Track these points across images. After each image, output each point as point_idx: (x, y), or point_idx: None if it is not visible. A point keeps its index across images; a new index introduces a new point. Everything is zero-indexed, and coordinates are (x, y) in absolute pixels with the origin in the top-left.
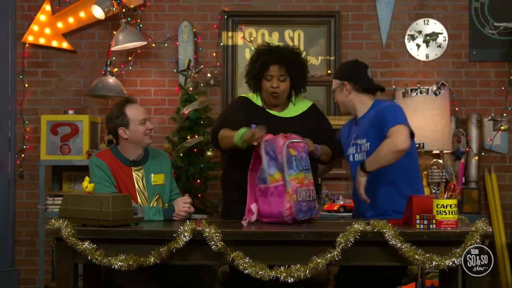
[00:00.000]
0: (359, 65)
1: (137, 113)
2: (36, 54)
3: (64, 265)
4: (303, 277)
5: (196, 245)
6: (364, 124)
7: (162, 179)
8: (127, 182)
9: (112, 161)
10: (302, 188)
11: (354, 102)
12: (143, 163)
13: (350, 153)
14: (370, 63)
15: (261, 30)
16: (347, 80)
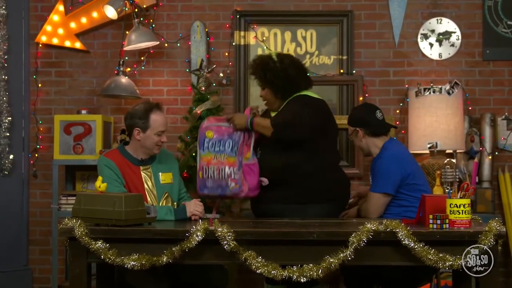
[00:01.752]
0: (368, 109)
1: (159, 124)
2: (49, 54)
3: (77, 264)
4: (315, 276)
5: (208, 245)
6: (372, 164)
7: (170, 178)
8: (136, 181)
9: (121, 160)
10: (209, 167)
11: (369, 146)
12: (151, 163)
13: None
14: (383, 62)
15: (274, 29)
16: (358, 127)
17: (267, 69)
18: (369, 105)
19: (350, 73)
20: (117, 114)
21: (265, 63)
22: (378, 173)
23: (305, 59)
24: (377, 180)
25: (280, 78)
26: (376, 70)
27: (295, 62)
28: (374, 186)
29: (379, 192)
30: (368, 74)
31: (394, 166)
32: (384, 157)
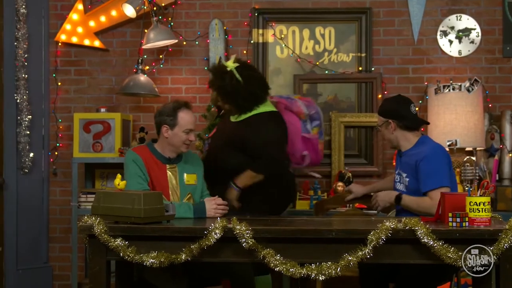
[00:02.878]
0: (402, 102)
1: (187, 122)
2: (68, 52)
3: (97, 262)
4: (334, 274)
5: (227, 242)
6: (406, 160)
7: (194, 179)
8: (161, 179)
9: (148, 156)
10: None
11: (399, 139)
12: (177, 162)
13: (396, 180)
14: (402, 59)
15: (292, 27)
16: (391, 118)
17: (231, 89)
18: (403, 98)
19: (369, 71)
20: (136, 112)
21: (228, 83)
22: (431, 169)
23: (323, 57)
24: (432, 177)
25: (244, 96)
26: (395, 67)
27: (255, 75)
28: (432, 183)
29: (440, 186)
30: (387, 72)
31: (443, 159)
32: (431, 152)
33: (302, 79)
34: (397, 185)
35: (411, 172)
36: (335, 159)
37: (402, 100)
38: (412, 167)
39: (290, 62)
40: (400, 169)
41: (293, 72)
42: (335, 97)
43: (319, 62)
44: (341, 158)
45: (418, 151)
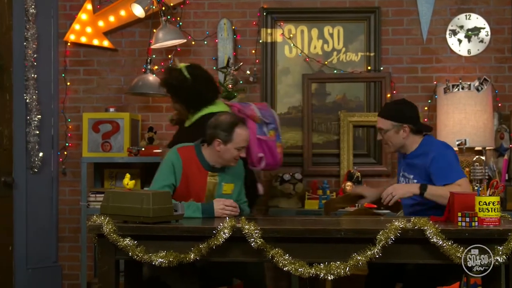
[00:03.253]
0: (412, 106)
1: (242, 140)
2: (77, 52)
3: (105, 261)
4: (343, 274)
5: (235, 242)
6: (413, 161)
7: (231, 189)
8: (199, 185)
9: (192, 159)
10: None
11: (408, 143)
12: (220, 171)
13: (399, 180)
14: (411, 59)
15: (300, 26)
16: (407, 123)
17: (178, 85)
18: (411, 103)
19: (378, 70)
20: (145, 112)
21: (175, 79)
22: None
23: (332, 56)
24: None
25: (190, 94)
26: (404, 67)
27: (204, 75)
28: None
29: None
30: (396, 71)
31: (453, 154)
32: (440, 150)
33: (310, 79)
34: None
35: (420, 174)
36: (344, 158)
37: (412, 104)
38: (421, 168)
39: (299, 62)
40: (404, 171)
41: (302, 72)
42: (344, 96)
43: (328, 61)
44: (349, 158)
45: (424, 151)
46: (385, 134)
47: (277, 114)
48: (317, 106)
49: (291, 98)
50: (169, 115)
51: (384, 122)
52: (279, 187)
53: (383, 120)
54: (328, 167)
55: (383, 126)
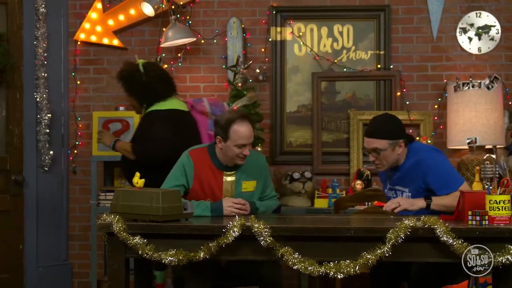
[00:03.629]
0: (398, 119)
1: (240, 137)
2: (87, 51)
3: (115, 260)
4: (352, 273)
5: (245, 241)
6: (402, 175)
7: (253, 186)
8: (214, 185)
9: (204, 160)
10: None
11: (400, 156)
12: (237, 169)
13: (390, 196)
14: (421, 57)
15: (310, 25)
16: (402, 138)
17: (134, 80)
18: (394, 116)
19: (388, 68)
20: None
21: (132, 75)
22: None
23: (341, 55)
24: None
25: (144, 89)
26: (414, 65)
27: (159, 72)
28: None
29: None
30: (406, 69)
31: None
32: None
33: (320, 77)
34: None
35: (417, 186)
36: (354, 157)
37: (396, 117)
38: (417, 180)
39: (308, 60)
40: (397, 185)
41: (311, 70)
42: (354, 95)
43: (338, 60)
44: (359, 156)
45: (416, 161)
46: (381, 155)
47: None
48: (326, 105)
49: (301, 96)
50: None
51: (380, 142)
52: (288, 186)
53: (378, 141)
54: (338, 165)
55: (380, 146)
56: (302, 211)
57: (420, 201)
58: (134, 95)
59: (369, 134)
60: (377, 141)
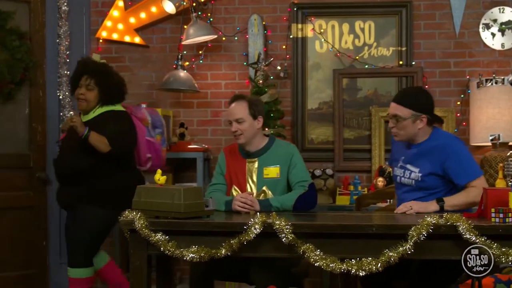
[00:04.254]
0: (430, 96)
1: (227, 113)
2: (109, 49)
3: (138, 256)
4: (374, 270)
5: (266, 237)
6: (419, 153)
7: (276, 172)
8: (239, 173)
9: (233, 150)
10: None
11: (419, 133)
12: (259, 155)
13: (397, 174)
14: (443, 53)
15: (331, 21)
16: (426, 113)
17: (106, 72)
18: (428, 92)
19: (410, 65)
20: (176, 107)
21: (104, 67)
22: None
23: (363, 51)
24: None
25: (113, 84)
26: (436, 61)
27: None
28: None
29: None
30: (428, 66)
31: (467, 150)
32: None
33: (341, 74)
34: (401, 180)
35: (427, 164)
36: (375, 154)
37: (429, 93)
38: (435, 162)
39: (330, 57)
40: (407, 163)
41: (333, 67)
42: (375, 91)
43: (359, 56)
44: (381, 153)
45: (435, 144)
46: (400, 123)
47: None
48: (348, 101)
49: (322, 93)
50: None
51: (402, 109)
52: None
53: (401, 108)
54: (360, 162)
55: (401, 114)
56: (323, 208)
57: (433, 204)
58: (104, 89)
59: (395, 99)
60: (400, 108)
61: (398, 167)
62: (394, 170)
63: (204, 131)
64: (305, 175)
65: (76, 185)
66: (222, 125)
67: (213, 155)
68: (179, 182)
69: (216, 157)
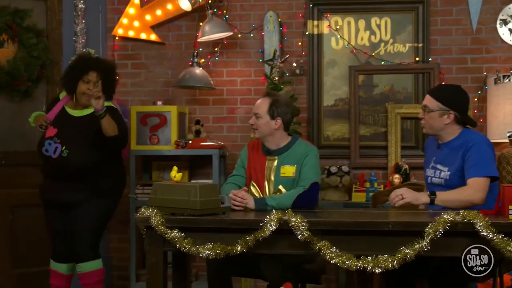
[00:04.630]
0: (466, 96)
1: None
2: (125, 46)
3: (154, 253)
4: (390, 267)
5: (282, 234)
6: (448, 152)
7: (292, 171)
8: (258, 169)
9: (256, 147)
10: None
11: (446, 130)
12: (279, 154)
13: (429, 175)
14: (460, 49)
15: (347, 18)
16: (454, 110)
17: (112, 68)
18: (465, 92)
19: (426, 61)
20: (192, 105)
21: (112, 63)
22: (478, 158)
23: (379, 47)
24: (478, 165)
25: (115, 81)
26: (453, 58)
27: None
28: (476, 171)
29: (486, 175)
30: (445, 62)
31: (489, 149)
32: (478, 142)
33: (357, 70)
34: (432, 180)
35: (455, 162)
36: (392, 150)
37: (465, 93)
38: (458, 153)
39: (346, 53)
40: (438, 163)
41: (349, 64)
42: (391, 88)
43: (375, 53)
44: (397, 150)
45: (462, 142)
46: (428, 114)
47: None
48: (364, 98)
49: (338, 90)
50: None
51: (432, 101)
52: (326, 180)
53: (431, 99)
54: (376, 159)
55: (430, 105)
56: (339, 205)
57: (424, 196)
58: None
59: (429, 91)
60: (430, 99)
61: (429, 168)
62: (426, 172)
63: (220, 128)
64: (310, 175)
65: (82, 181)
66: (238, 122)
67: (229, 152)
68: (195, 179)
69: (232, 154)
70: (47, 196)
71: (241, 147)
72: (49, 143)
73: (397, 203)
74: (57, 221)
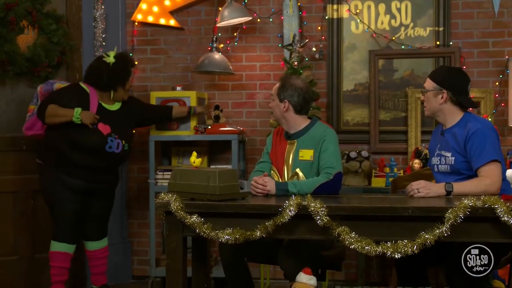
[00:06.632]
0: (462, 76)
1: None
2: (145, 32)
3: (173, 238)
4: (410, 252)
5: (301, 220)
6: (450, 137)
7: (310, 155)
8: (278, 154)
9: (280, 132)
10: None
11: (445, 112)
12: (298, 137)
13: (435, 163)
14: (481, 33)
15: (367, 2)
16: (447, 89)
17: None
18: (464, 72)
19: (447, 45)
20: (211, 90)
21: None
22: (482, 144)
23: (399, 32)
24: (483, 151)
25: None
26: (475, 41)
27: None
28: (486, 155)
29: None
30: (466, 46)
31: (492, 134)
32: (480, 127)
33: (377, 55)
34: (439, 168)
35: (458, 150)
36: (412, 135)
37: (463, 74)
38: (460, 144)
39: (365, 38)
40: (441, 150)
41: (368, 48)
42: (412, 72)
43: (395, 37)
44: (417, 135)
45: (464, 127)
46: (425, 94)
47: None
48: (384, 83)
49: (358, 74)
50: (226, 93)
51: (428, 82)
52: (345, 165)
53: (428, 80)
54: (396, 144)
55: (426, 85)
56: (359, 190)
57: (441, 188)
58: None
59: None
60: (427, 81)
61: (435, 156)
62: (431, 160)
63: (239, 113)
64: (334, 162)
65: (113, 171)
66: (257, 107)
67: (248, 137)
68: (214, 165)
69: (251, 139)
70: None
71: (261, 132)
72: (111, 140)
73: (414, 196)
74: (78, 205)
